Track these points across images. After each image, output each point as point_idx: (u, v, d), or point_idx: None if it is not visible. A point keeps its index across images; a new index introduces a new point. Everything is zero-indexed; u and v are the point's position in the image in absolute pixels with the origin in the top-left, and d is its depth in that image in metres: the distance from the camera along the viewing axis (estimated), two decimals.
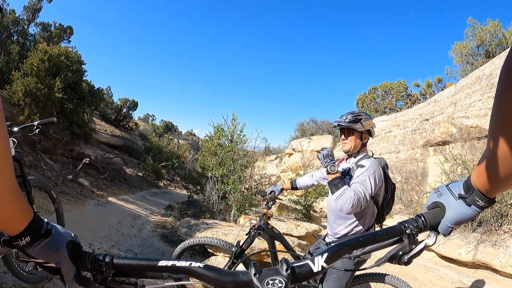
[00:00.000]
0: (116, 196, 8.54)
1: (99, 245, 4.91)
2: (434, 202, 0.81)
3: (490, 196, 0.72)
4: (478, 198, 0.72)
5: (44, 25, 12.88)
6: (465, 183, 0.76)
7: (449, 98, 7.19)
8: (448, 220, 0.77)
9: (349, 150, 2.45)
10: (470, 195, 0.74)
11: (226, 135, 8.31)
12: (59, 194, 6.18)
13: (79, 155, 9.45)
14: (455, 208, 0.76)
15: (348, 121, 2.40)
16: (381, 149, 9.08)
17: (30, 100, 8.29)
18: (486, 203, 0.72)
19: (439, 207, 0.79)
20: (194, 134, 39.91)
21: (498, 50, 10.23)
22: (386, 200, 2.40)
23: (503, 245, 3.67)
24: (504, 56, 5.84)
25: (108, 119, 21.08)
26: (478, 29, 11.21)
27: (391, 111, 13.03)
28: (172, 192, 14.16)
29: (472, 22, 11.49)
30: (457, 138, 5.85)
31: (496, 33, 10.92)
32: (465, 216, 0.75)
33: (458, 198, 0.76)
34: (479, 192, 0.72)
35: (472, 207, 0.74)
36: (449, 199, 0.78)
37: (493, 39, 10.95)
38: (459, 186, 0.78)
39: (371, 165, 2.25)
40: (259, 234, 2.48)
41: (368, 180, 2.17)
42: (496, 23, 11.00)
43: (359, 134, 2.43)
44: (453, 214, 0.76)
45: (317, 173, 2.94)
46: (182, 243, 2.86)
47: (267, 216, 2.72)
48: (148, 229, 6.82)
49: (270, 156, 22.47)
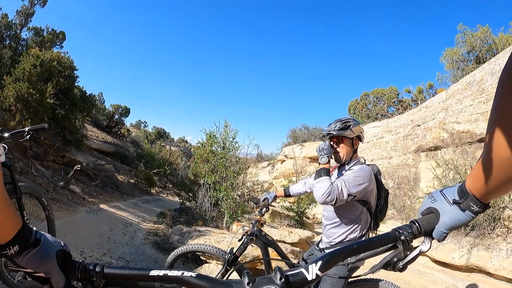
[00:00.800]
0: (108, 203, 8.45)
1: (90, 253, 4.84)
2: (428, 207, 0.81)
3: (485, 202, 0.71)
4: (473, 204, 0.72)
5: (36, 30, 12.79)
6: (459, 188, 0.76)
7: (440, 103, 7.28)
8: (443, 225, 0.76)
9: (340, 158, 2.42)
10: (464, 201, 0.73)
11: (218, 142, 8.30)
12: (50, 201, 6.10)
13: (70, 162, 9.34)
14: (450, 213, 0.76)
15: (338, 128, 2.36)
16: (373, 155, 9.13)
17: (21, 106, 8.19)
18: (480, 208, 0.72)
19: (433, 212, 0.79)
20: (186, 141, 39.78)
21: (489, 56, 10.39)
22: (380, 206, 2.39)
23: (496, 248, 3.69)
24: (494, 62, 5.94)
25: (100, 126, 20.92)
26: (469, 35, 11.40)
27: (383, 117, 13.14)
28: (164, 199, 14.06)
29: (462, 29, 11.70)
30: (448, 143, 5.91)
31: (486, 39, 11.11)
32: (459, 222, 0.75)
33: (452, 203, 0.76)
34: (473, 197, 0.72)
35: (467, 212, 0.73)
36: (443, 204, 0.78)
37: (483, 45, 11.14)
38: (453, 192, 0.77)
39: (360, 169, 2.25)
40: (252, 241, 2.45)
41: (351, 180, 2.16)
42: (486, 29, 11.20)
43: (350, 141, 2.40)
44: (447, 220, 0.76)
45: (310, 180, 2.91)
46: (175, 250, 2.83)
47: (260, 223, 2.70)
48: (140, 237, 6.75)
49: (262, 162, 22.48)
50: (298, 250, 4.90)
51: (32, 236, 0.64)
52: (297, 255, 4.58)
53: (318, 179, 2.18)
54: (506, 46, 8.22)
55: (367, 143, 9.91)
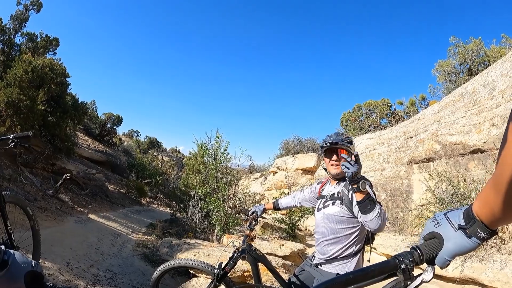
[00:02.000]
0: (97, 213, 8.31)
1: (77, 264, 4.72)
2: (431, 232, 0.76)
3: (493, 228, 0.67)
4: (480, 230, 0.68)
5: (30, 36, 12.77)
6: (465, 212, 0.72)
7: (433, 115, 7.34)
8: (446, 253, 0.72)
9: (341, 172, 2.27)
10: (471, 226, 0.69)
11: (209, 153, 8.25)
12: (38, 210, 5.98)
13: (60, 170, 9.19)
14: (454, 239, 0.71)
15: (347, 142, 2.31)
16: (366, 167, 9.14)
17: (12, 111, 8.09)
18: (488, 235, 0.68)
19: (437, 238, 0.75)
20: (178, 151, 39.59)
21: (481, 68, 10.57)
22: None
23: (490, 260, 3.68)
24: (486, 74, 6.03)
25: (92, 134, 20.76)
26: (461, 47, 11.62)
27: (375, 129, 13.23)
28: (155, 209, 13.91)
29: (455, 41, 11.92)
30: (441, 155, 5.93)
31: (479, 51, 11.32)
32: (464, 249, 0.71)
33: (457, 229, 0.71)
34: (481, 223, 0.68)
35: (473, 239, 0.69)
36: (447, 229, 0.73)
37: (475, 57, 11.34)
38: (458, 216, 0.73)
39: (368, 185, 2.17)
40: (243, 258, 2.38)
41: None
42: (478, 42, 11.43)
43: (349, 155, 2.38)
44: (451, 247, 0.72)
45: (300, 195, 2.86)
46: (163, 265, 2.76)
47: (250, 238, 2.64)
48: (129, 248, 6.63)
49: (254, 174, 22.42)
50: (290, 263, 4.82)
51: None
52: (289, 269, 4.50)
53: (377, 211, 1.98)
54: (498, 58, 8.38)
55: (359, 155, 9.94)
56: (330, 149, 2.35)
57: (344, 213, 2.23)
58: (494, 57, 10.49)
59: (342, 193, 2.28)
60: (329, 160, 2.38)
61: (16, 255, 0.64)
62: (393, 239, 5.89)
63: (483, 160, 4.98)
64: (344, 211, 2.23)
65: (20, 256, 0.65)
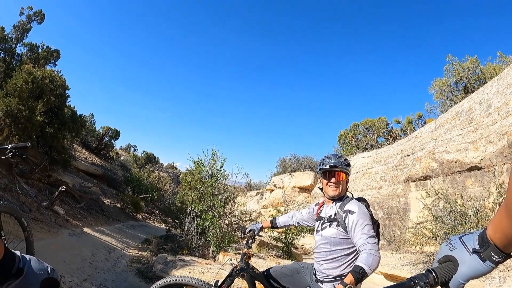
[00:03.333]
0: (92, 227, 8.20)
1: (70, 278, 4.63)
2: (446, 255, 0.78)
3: (507, 251, 0.69)
4: (494, 254, 0.69)
5: (31, 46, 12.84)
6: (480, 236, 0.73)
7: (430, 133, 7.41)
8: (461, 276, 0.73)
9: (338, 194, 2.40)
10: (485, 250, 0.70)
11: (206, 170, 8.23)
12: (33, 221, 5.90)
13: (56, 182, 9.11)
14: (469, 263, 0.72)
15: (344, 164, 2.40)
16: (363, 185, 9.14)
17: (10, 121, 8.08)
18: (502, 258, 0.69)
19: (451, 261, 0.76)
20: (175, 167, 39.43)
21: (477, 86, 10.69)
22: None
23: (488, 276, 3.66)
24: (482, 92, 6.12)
25: (89, 147, 20.70)
26: (457, 65, 11.78)
27: (372, 147, 13.27)
28: (150, 225, 13.75)
29: (451, 59, 12.09)
30: (438, 173, 5.96)
31: (474, 69, 11.47)
32: (478, 272, 0.72)
33: (472, 252, 0.72)
34: (495, 247, 0.69)
35: (487, 262, 0.70)
36: (462, 253, 0.74)
37: (471, 75, 11.48)
38: (473, 240, 0.74)
39: (361, 209, 2.24)
40: (242, 276, 2.35)
41: (369, 225, 2.16)
42: (474, 60, 11.59)
43: (347, 178, 2.44)
44: (466, 270, 0.73)
45: (297, 214, 2.89)
46: (157, 282, 2.71)
47: (248, 256, 2.62)
48: (123, 263, 6.53)
49: (251, 191, 22.34)
50: None
51: (14, 266, 0.59)
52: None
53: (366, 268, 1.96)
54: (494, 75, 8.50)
55: (356, 174, 9.95)
56: (329, 171, 2.41)
57: (340, 234, 2.28)
58: (490, 74, 10.65)
59: (337, 214, 2.32)
60: (327, 182, 2.43)
61: (32, 261, 0.63)
62: (390, 257, 5.84)
63: (480, 177, 5.00)
64: (340, 232, 2.28)
65: (36, 262, 0.64)
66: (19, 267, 0.60)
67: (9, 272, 0.58)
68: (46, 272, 0.64)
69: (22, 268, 0.60)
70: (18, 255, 0.62)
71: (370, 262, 1.99)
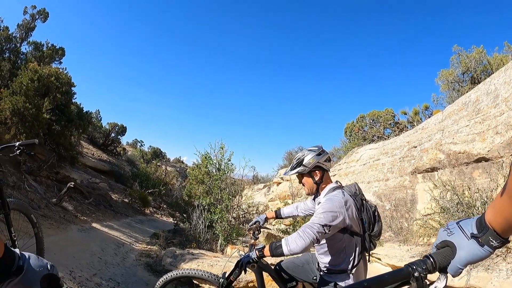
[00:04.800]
0: (101, 222, 8.30)
1: (80, 273, 4.70)
2: (444, 241, 0.78)
3: (505, 236, 0.69)
4: (492, 238, 0.69)
5: (36, 45, 12.92)
6: (478, 221, 0.74)
7: (437, 125, 7.32)
8: (459, 261, 0.73)
9: (309, 192, 2.45)
10: (483, 235, 0.70)
11: (213, 164, 8.26)
12: (42, 218, 5.99)
13: (64, 178, 9.22)
14: (467, 248, 0.73)
15: (292, 169, 2.42)
16: (370, 177, 9.09)
17: (17, 119, 8.17)
18: (500, 243, 0.69)
19: (449, 246, 0.76)
20: (182, 161, 39.63)
21: (483, 76, 10.53)
22: (370, 225, 2.31)
23: (496, 269, 3.63)
24: (489, 82, 6.03)
25: (96, 143, 20.86)
26: (464, 56, 11.59)
27: (379, 139, 13.17)
28: (158, 219, 13.87)
29: (457, 50, 11.89)
30: (445, 164, 5.90)
31: (481, 59, 11.28)
32: (477, 257, 0.72)
33: (470, 237, 0.73)
34: (494, 231, 0.69)
35: (485, 247, 0.70)
36: (460, 238, 0.75)
37: (478, 65, 11.30)
38: (471, 224, 0.74)
39: (327, 200, 2.22)
40: (253, 267, 2.34)
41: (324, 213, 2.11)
42: (481, 50, 11.39)
43: (308, 175, 2.40)
44: (464, 255, 0.73)
45: (302, 205, 2.91)
46: (166, 274, 2.74)
47: (255, 247, 2.64)
48: (132, 258, 6.60)
49: (258, 184, 22.36)
50: None
51: (14, 264, 0.60)
52: None
53: (283, 244, 2.09)
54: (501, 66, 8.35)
55: (363, 165, 9.90)
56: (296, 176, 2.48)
57: None
58: (496, 65, 10.47)
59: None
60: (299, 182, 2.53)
61: (32, 258, 0.63)
62: (397, 249, 5.82)
63: (488, 169, 4.95)
64: None
65: (36, 259, 0.64)
66: (19, 264, 0.61)
67: (9, 270, 0.59)
68: (46, 268, 0.64)
69: (22, 265, 0.61)
70: (18, 253, 0.62)
71: (291, 241, 2.05)
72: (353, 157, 11.04)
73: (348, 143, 15.31)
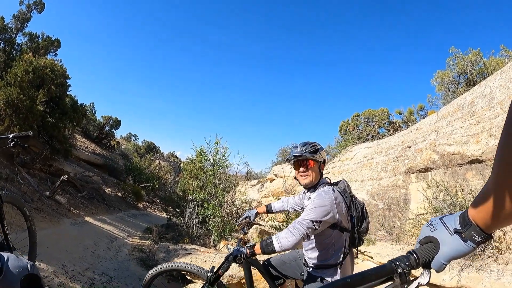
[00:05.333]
0: (93, 216, 8.26)
1: (72, 267, 4.68)
2: (427, 236, 0.78)
3: (488, 232, 0.69)
4: (476, 234, 0.69)
5: (32, 36, 12.77)
6: (461, 216, 0.73)
7: (431, 125, 7.37)
8: (443, 256, 0.74)
9: (310, 182, 2.35)
10: (466, 230, 0.71)
11: (208, 159, 8.24)
12: (35, 211, 5.95)
13: (57, 171, 9.15)
14: (450, 244, 0.73)
15: (309, 152, 2.32)
16: (364, 176, 9.14)
17: (11, 111, 8.08)
18: (483, 238, 0.70)
19: (432, 242, 0.76)
20: (176, 156, 39.50)
21: (479, 79, 10.58)
22: (358, 221, 2.31)
23: (487, 269, 3.68)
24: (485, 85, 6.07)
25: (90, 136, 20.72)
26: (460, 58, 11.63)
27: (373, 138, 13.21)
28: (151, 214, 13.86)
29: (454, 52, 11.92)
30: (439, 165, 5.95)
31: (477, 62, 11.32)
32: (460, 253, 0.72)
33: (453, 233, 0.73)
34: (477, 227, 0.69)
35: (469, 242, 0.71)
36: (443, 234, 0.75)
37: (474, 68, 11.34)
38: (454, 220, 0.74)
39: (318, 195, 2.20)
40: (238, 261, 2.27)
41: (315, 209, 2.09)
42: (477, 52, 11.44)
43: (318, 164, 2.35)
44: (447, 250, 0.73)
45: (291, 200, 2.91)
46: (155, 267, 2.74)
47: (243, 242, 2.63)
48: (125, 252, 6.60)
49: (251, 181, 22.35)
50: None
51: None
52: None
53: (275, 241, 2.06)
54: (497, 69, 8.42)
55: (357, 164, 9.94)
56: (298, 161, 2.37)
57: None
58: (492, 68, 10.55)
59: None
60: (297, 171, 2.42)
61: (11, 259, 0.62)
62: (390, 248, 5.87)
63: (481, 170, 5.00)
64: None
65: (15, 260, 0.63)
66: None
67: None
68: (25, 269, 0.63)
69: (1, 267, 0.60)
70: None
71: (282, 237, 2.03)
72: (347, 156, 11.08)
73: (342, 141, 15.34)
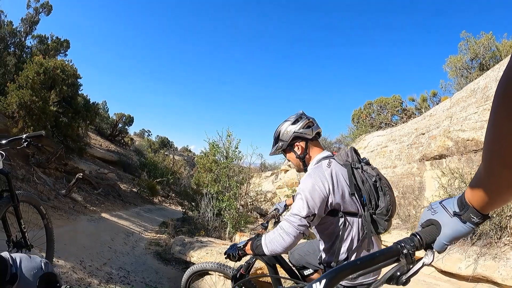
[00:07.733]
0: (110, 212, 8.41)
1: (90, 262, 4.79)
2: (428, 219, 0.83)
3: (484, 213, 0.74)
4: (473, 215, 0.74)
5: (41, 38, 12.93)
6: (459, 199, 0.78)
7: (445, 111, 7.21)
8: (444, 237, 0.78)
9: (299, 170, 2.07)
10: (465, 212, 0.75)
11: (221, 152, 8.27)
12: (51, 209, 6.08)
13: (72, 170, 9.33)
14: (451, 225, 0.78)
15: (273, 148, 2.10)
16: (378, 164, 9.03)
17: (24, 113, 8.24)
18: (480, 219, 0.74)
19: (434, 224, 0.81)
20: (189, 150, 39.78)
21: (492, 63, 10.29)
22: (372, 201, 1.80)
23: (503, 257, 3.61)
24: (498, 69, 5.89)
25: (104, 134, 21.01)
26: (472, 42, 11.31)
27: (386, 126, 13.03)
28: (167, 208, 14.02)
29: (465, 36, 11.59)
30: (453, 152, 5.83)
31: (490, 46, 11.00)
32: (460, 233, 0.77)
33: (453, 215, 0.77)
34: (473, 209, 0.74)
35: (468, 224, 0.75)
36: (443, 216, 0.79)
37: (486, 52, 11.03)
38: (453, 203, 0.79)
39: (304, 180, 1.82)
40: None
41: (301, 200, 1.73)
42: (489, 36, 11.10)
43: (290, 149, 2.02)
44: (448, 232, 0.78)
45: None
46: (187, 271, 2.86)
47: (257, 234, 2.61)
48: (142, 247, 6.70)
49: (266, 172, 22.38)
50: None
51: (7, 273, 0.59)
52: None
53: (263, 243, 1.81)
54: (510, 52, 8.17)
55: (371, 152, 9.83)
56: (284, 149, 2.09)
57: None
58: (505, 51, 10.25)
59: None
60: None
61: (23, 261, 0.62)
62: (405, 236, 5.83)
63: None
64: None
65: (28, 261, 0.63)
66: (12, 272, 0.60)
67: (3, 280, 0.58)
68: (40, 268, 0.63)
69: (16, 272, 0.60)
70: (8, 258, 0.62)
71: (269, 241, 1.78)
72: (361, 144, 10.96)
73: (355, 130, 15.18)
